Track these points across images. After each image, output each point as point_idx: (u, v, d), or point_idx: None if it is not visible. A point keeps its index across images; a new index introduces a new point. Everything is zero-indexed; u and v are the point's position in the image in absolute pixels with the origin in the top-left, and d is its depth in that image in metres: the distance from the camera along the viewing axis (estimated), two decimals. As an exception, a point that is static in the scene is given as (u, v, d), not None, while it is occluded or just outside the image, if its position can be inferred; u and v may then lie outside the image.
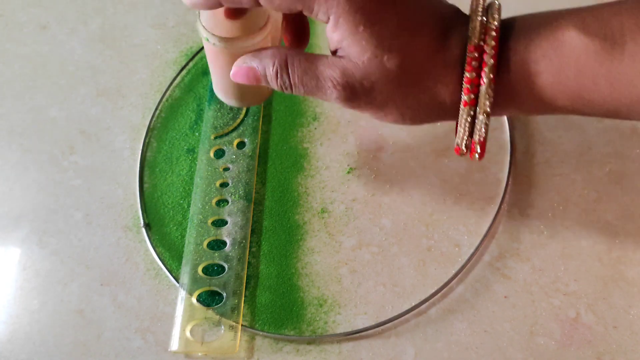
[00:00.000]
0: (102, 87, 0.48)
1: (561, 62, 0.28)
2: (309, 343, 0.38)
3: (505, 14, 0.30)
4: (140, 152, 0.45)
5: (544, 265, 0.39)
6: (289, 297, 0.40)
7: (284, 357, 0.38)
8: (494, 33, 0.29)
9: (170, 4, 0.52)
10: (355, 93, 0.30)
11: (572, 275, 0.39)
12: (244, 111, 0.46)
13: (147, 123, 0.46)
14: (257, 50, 0.32)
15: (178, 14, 0.51)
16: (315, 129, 0.45)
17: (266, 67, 0.31)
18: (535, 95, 0.30)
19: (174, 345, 0.38)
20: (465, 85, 0.29)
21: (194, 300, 0.39)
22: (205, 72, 0.48)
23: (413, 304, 0.38)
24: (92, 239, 0.42)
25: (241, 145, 0.44)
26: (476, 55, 0.29)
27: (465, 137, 0.30)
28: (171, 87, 0.48)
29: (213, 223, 0.42)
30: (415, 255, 0.40)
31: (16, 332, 0.39)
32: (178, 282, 0.40)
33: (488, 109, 0.29)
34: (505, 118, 0.44)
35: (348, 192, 0.43)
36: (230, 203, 0.42)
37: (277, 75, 0.31)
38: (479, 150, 0.31)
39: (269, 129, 0.46)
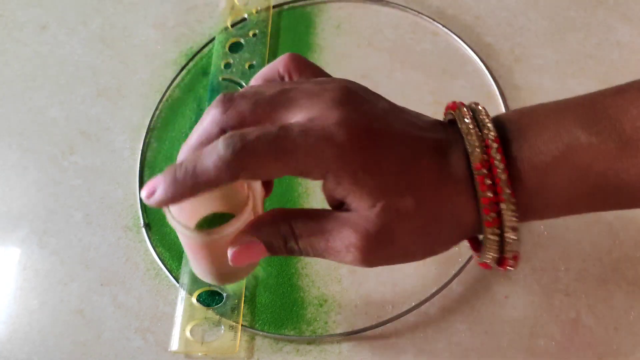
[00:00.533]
0: (102, 87, 0.48)
1: (574, 167, 0.27)
2: (309, 343, 0.38)
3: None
4: (140, 152, 0.45)
5: (544, 266, 0.39)
6: (289, 297, 0.40)
7: (284, 357, 0.38)
8: (495, 145, 0.27)
9: (170, 4, 0.52)
10: (376, 249, 0.27)
11: (572, 276, 0.39)
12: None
13: (147, 123, 0.46)
14: (254, 223, 0.29)
15: (178, 14, 0.51)
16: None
17: (272, 240, 0.28)
18: (556, 200, 0.28)
19: (174, 345, 0.38)
20: (484, 205, 0.27)
21: (194, 300, 0.39)
22: (205, 72, 0.48)
23: (413, 304, 0.38)
24: (92, 239, 0.42)
25: None
26: (485, 172, 0.27)
27: (496, 255, 0.28)
28: (171, 87, 0.48)
29: None
30: (415, 256, 0.40)
31: (16, 332, 0.39)
32: (178, 282, 0.40)
33: (515, 225, 0.27)
34: (502, 108, 0.44)
35: (348, 192, 0.43)
36: None
37: (285, 245, 0.28)
38: (512, 265, 0.29)
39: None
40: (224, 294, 0.39)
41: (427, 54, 0.48)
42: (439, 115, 0.31)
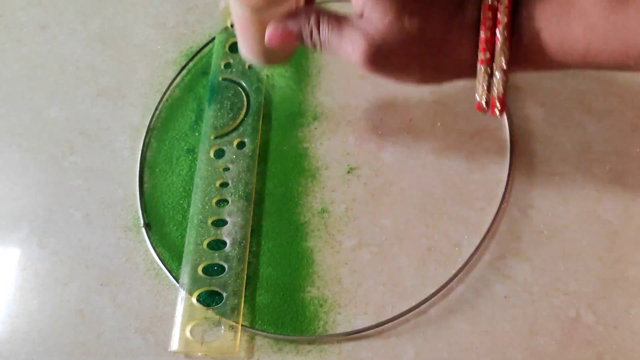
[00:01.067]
0: (102, 87, 0.48)
1: (570, 20, 0.29)
2: (309, 343, 0.38)
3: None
4: (140, 152, 0.45)
5: (544, 265, 0.39)
6: (289, 297, 0.40)
7: (284, 357, 0.38)
8: None
9: (170, 4, 0.52)
10: (376, 56, 0.31)
11: (572, 275, 0.39)
12: (243, 111, 0.46)
13: (147, 123, 0.46)
14: (292, 12, 0.34)
15: (178, 14, 0.51)
16: (316, 128, 0.45)
17: (302, 27, 0.33)
18: (547, 53, 0.31)
19: (174, 345, 0.38)
20: (482, 44, 0.31)
21: (194, 300, 0.39)
22: (205, 72, 0.48)
23: (413, 304, 0.38)
24: (92, 239, 0.42)
25: (241, 145, 0.44)
26: (490, 15, 0.30)
27: (485, 94, 0.32)
28: (171, 87, 0.48)
29: (213, 223, 0.42)
30: (415, 255, 0.40)
31: (16, 332, 0.39)
32: (178, 282, 0.40)
33: (504, 66, 0.31)
34: (505, 118, 0.44)
35: (348, 192, 0.43)
36: (230, 203, 0.42)
37: (311, 33, 0.33)
38: (499, 106, 0.32)
39: (269, 128, 0.46)
40: (224, 294, 0.39)
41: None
42: (438, 116, 0.31)
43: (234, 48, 0.49)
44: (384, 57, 0.32)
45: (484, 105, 0.33)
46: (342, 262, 0.40)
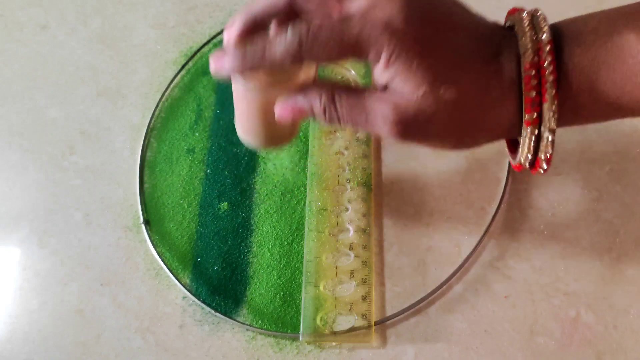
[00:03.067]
0: (102, 87, 0.48)
1: (624, 70, 0.28)
2: (309, 343, 0.38)
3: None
4: (140, 152, 0.45)
5: (544, 265, 0.39)
6: (289, 297, 0.40)
7: (284, 357, 0.38)
8: (548, 47, 0.28)
9: (170, 4, 0.52)
10: (410, 129, 0.29)
11: (572, 275, 0.39)
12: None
13: (147, 123, 0.46)
14: (302, 87, 0.32)
15: (178, 14, 0.51)
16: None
17: (313, 103, 0.31)
18: (600, 105, 0.29)
19: (306, 335, 0.37)
20: (527, 105, 0.28)
21: (321, 288, 0.39)
22: (205, 72, 0.48)
23: (412, 303, 0.38)
24: (92, 239, 0.42)
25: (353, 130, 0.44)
26: (533, 72, 0.28)
27: (530, 156, 0.30)
28: (171, 87, 0.48)
29: (333, 210, 0.41)
30: (415, 255, 0.40)
31: (16, 332, 0.39)
32: (179, 282, 0.40)
33: (554, 126, 0.28)
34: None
35: (348, 192, 0.43)
36: (349, 190, 0.42)
37: (324, 110, 0.31)
38: (545, 167, 0.30)
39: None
40: (353, 283, 0.39)
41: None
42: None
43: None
44: (416, 129, 0.29)
45: (527, 166, 0.30)
46: (342, 262, 0.40)
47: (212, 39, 0.49)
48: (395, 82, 0.28)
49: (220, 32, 0.50)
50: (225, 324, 0.39)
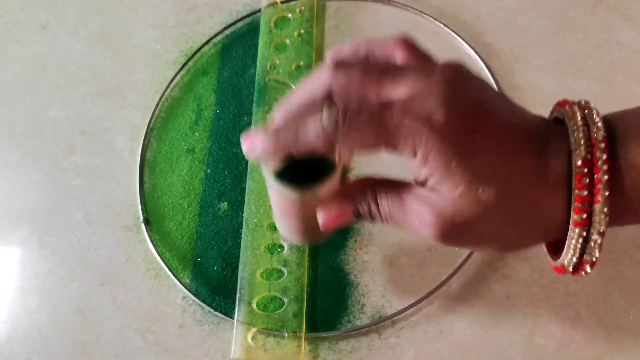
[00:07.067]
0: (102, 87, 0.48)
1: None
2: (308, 342, 0.38)
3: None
4: (140, 152, 0.45)
5: (544, 265, 0.39)
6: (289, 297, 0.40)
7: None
8: (602, 145, 0.26)
9: (170, 4, 0.52)
10: (449, 231, 0.27)
11: (572, 275, 0.39)
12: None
13: (147, 123, 0.46)
14: (344, 190, 0.30)
15: (178, 14, 0.51)
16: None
17: (359, 206, 0.30)
18: None
19: (236, 352, 0.37)
20: (576, 204, 0.26)
21: (254, 306, 0.39)
22: (205, 72, 0.48)
23: (412, 303, 0.38)
24: (92, 239, 0.42)
25: None
26: (585, 170, 0.26)
27: (575, 259, 0.28)
28: (171, 87, 0.48)
29: (269, 226, 0.41)
30: (415, 255, 0.40)
31: (16, 332, 0.39)
32: (179, 282, 0.40)
33: (603, 229, 0.26)
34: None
35: (348, 192, 0.43)
36: None
37: (369, 210, 0.30)
38: (588, 270, 0.28)
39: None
40: (285, 299, 0.39)
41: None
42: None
43: (279, 48, 0.48)
44: (458, 231, 0.27)
45: (570, 270, 0.28)
46: (343, 263, 0.40)
47: (212, 38, 0.49)
48: (433, 180, 0.27)
49: (220, 32, 0.50)
50: (225, 324, 0.39)
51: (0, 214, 0.43)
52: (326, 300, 0.39)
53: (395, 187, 0.29)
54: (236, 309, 0.39)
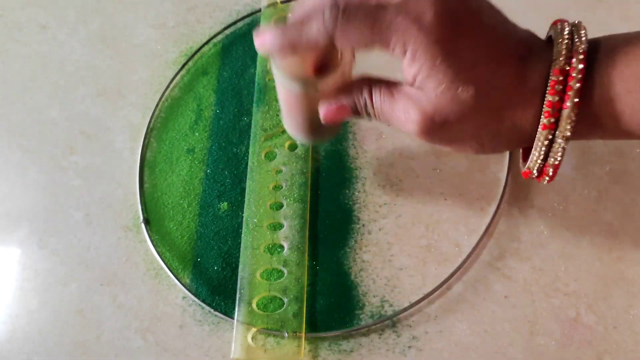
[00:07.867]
0: (102, 87, 0.48)
1: None
2: (308, 342, 0.38)
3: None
4: (140, 152, 0.45)
5: (544, 265, 0.39)
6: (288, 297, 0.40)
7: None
8: (581, 56, 0.28)
9: (170, 4, 0.52)
10: (430, 127, 0.29)
11: (572, 275, 0.39)
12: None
13: (147, 123, 0.46)
14: (344, 86, 0.32)
15: (178, 14, 0.51)
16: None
17: (357, 101, 0.32)
18: (618, 123, 0.28)
19: (236, 352, 0.37)
20: (546, 109, 0.28)
21: (254, 306, 0.39)
22: (205, 72, 0.48)
23: (413, 303, 0.38)
24: (92, 239, 0.42)
25: (292, 147, 0.44)
26: (560, 78, 0.28)
27: (540, 161, 0.30)
28: (171, 87, 0.48)
29: (269, 227, 0.41)
30: (415, 255, 0.40)
31: (16, 332, 0.39)
32: (179, 282, 0.40)
33: (568, 133, 0.28)
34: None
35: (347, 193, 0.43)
36: (285, 206, 0.42)
37: (365, 105, 0.32)
38: (550, 174, 0.30)
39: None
40: (285, 299, 0.39)
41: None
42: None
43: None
44: (438, 129, 0.29)
45: (535, 173, 0.30)
46: (343, 263, 0.40)
47: (212, 38, 0.49)
48: (419, 78, 0.28)
49: (220, 32, 0.50)
50: (225, 324, 0.39)
51: (0, 214, 0.43)
52: (326, 300, 0.39)
53: (389, 85, 0.31)
54: (236, 309, 0.39)
